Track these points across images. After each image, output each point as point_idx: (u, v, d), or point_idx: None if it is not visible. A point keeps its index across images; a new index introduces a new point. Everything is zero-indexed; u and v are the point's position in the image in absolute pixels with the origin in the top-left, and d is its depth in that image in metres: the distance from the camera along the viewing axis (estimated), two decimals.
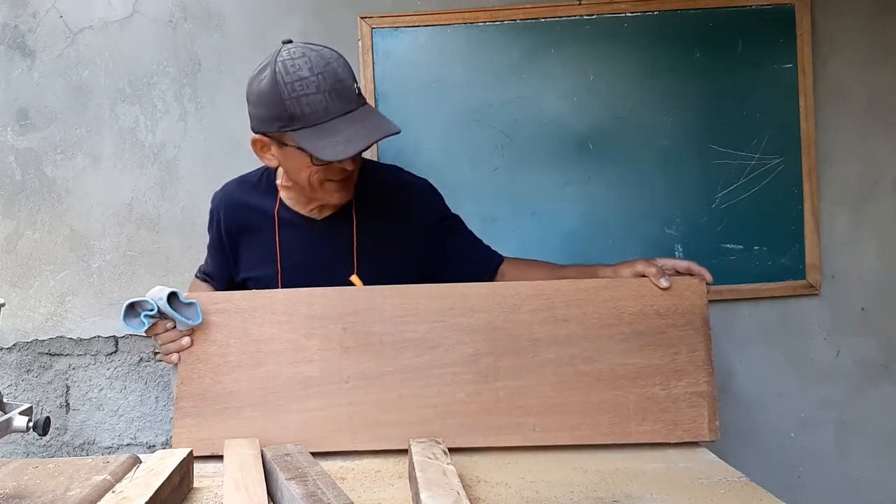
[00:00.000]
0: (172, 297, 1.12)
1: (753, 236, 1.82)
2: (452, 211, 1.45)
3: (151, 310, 1.10)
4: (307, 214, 1.35)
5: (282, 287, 1.33)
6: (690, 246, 1.82)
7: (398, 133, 1.18)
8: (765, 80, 1.81)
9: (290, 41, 1.21)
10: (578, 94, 1.81)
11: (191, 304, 1.13)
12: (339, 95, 1.15)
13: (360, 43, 1.79)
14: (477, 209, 1.81)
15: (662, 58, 1.81)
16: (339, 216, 1.34)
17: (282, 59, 1.16)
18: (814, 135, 1.81)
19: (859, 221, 1.86)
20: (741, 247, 1.82)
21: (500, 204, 1.82)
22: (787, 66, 1.81)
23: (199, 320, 1.13)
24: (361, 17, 1.79)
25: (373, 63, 1.79)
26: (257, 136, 1.23)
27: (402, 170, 1.46)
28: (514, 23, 1.80)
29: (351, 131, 1.14)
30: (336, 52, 1.22)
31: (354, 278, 1.31)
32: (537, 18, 1.80)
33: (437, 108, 1.81)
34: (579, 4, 1.79)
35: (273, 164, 1.27)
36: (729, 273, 1.81)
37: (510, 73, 1.81)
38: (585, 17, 1.80)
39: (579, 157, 1.81)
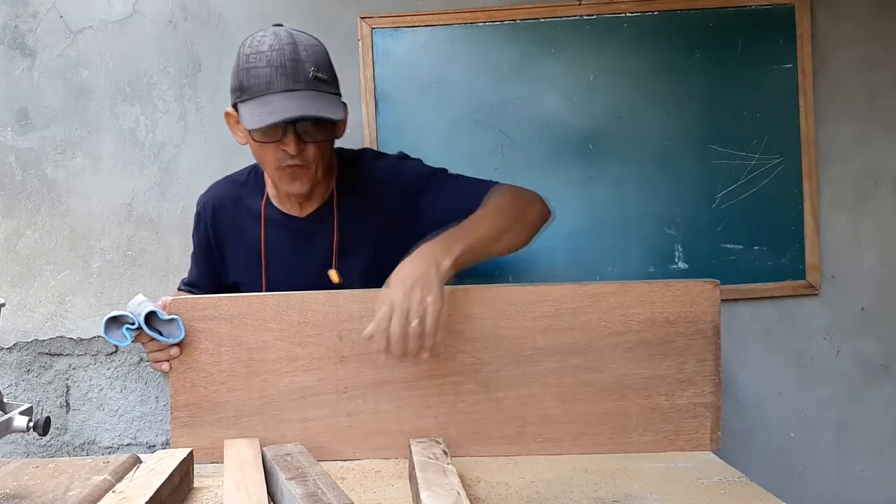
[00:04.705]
0: (151, 316, 1.09)
1: (753, 236, 1.82)
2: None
3: (133, 323, 1.07)
4: (290, 213, 1.33)
5: (266, 287, 1.32)
6: (690, 246, 1.82)
7: (333, 120, 1.16)
8: (765, 80, 1.81)
9: (281, 25, 1.22)
10: (578, 94, 1.81)
11: (172, 320, 1.10)
12: (287, 73, 1.14)
13: (360, 43, 1.79)
14: None
15: (662, 58, 1.81)
16: (322, 213, 1.32)
17: (258, 34, 1.18)
18: (814, 135, 1.81)
19: (859, 221, 1.86)
20: (741, 247, 1.82)
21: None
22: (787, 66, 1.81)
23: (182, 336, 1.10)
24: (361, 17, 1.79)
25: (373, 63, 1.79)
26: (229, 108, 1.24)
27: (374, 155, 1.40)
28: (514, 23, 1.80)
29: (283, 106, 1.13)
30: (319, 42, 1.22)
31: (332, 272, 1.29)
32: (537, 18, 1.80)
33: (438, 108, 1.81)
34: (579, 4, 1.79)
35: (240, 140, 1.27)
36: (729, 273, 1.80)
37: (510, 73, 1.81)
38: (585, 17, 1.80)
39: (579, 157, 1.81)
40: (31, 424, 0.92)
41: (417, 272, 0.99)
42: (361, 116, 1.80)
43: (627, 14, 1.80)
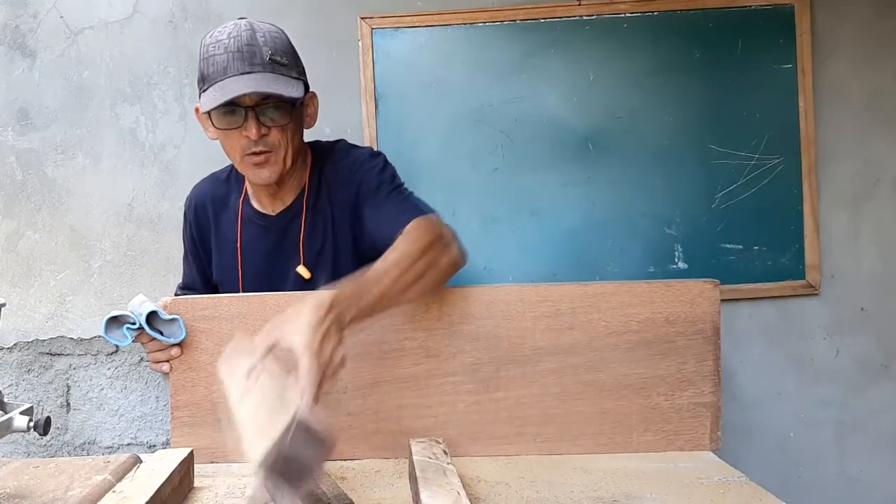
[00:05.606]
0: (152, 316, 1.09)
1: (753, 236, 1.82)
2: (403, 186, 1.28)
3: (134, 323, 1.07)
4: (264, 211, 1.32)
5: (242, 287, 1.31)
6: (690, 246, 1.82)
7: (289, 98, 1.15)
8: (765, 80, 1.81)
9: (244, 18, 1.21)
10: (578, 94, 1.81)
11: (173, 319, 1.10)
12: (243, 57, 1.14)
13: (360, 43, 1.80)
14: (477, 209, 1.81)
15: (662, 58, 1.81)
16: (293, 209, 1.30)
17: (219, 26, 1.18)
18: (813, 135, 1.81)
19: (859, 221, 1.86)
20: (741, 247, 1.82)
21: (500, 204, 1.82)
22: (787, 66, 1.81)
23: (183, 335, 1.10)
24: (361, 18, 1.79)
25: (373, 63, 1.80)
26: (198, 103, 1.23)
27: (346, 147, 1.35)
28: (514, 23, 1.80)
29: (235, 86, 1.13)
30: (280, 30, 1.21)
31: (301, 269, 1.28)
32: (537, 19, 1.80)
33: (437, 108, 1.81)
34: (579, 5, 1.79)
35: (211, 135, 1.24)
36: (729, 273, 1.81)
37: (510, 73, 1.81)
38: (585, 18, 1.80)
39: (579, 157, 1.82)
40: (32, 424, 0.92)
41: (322, 322, 0.87)
42: (361, 116, 1.80)
43: (627, 14, 1.80)
